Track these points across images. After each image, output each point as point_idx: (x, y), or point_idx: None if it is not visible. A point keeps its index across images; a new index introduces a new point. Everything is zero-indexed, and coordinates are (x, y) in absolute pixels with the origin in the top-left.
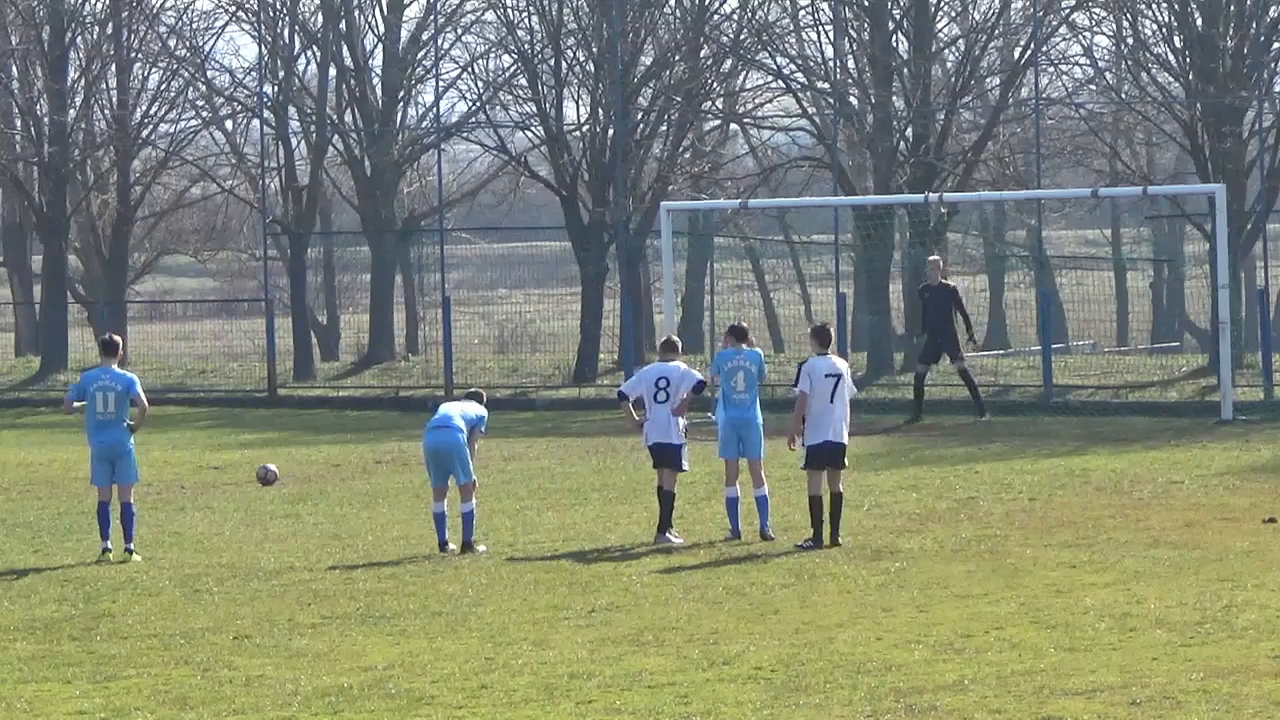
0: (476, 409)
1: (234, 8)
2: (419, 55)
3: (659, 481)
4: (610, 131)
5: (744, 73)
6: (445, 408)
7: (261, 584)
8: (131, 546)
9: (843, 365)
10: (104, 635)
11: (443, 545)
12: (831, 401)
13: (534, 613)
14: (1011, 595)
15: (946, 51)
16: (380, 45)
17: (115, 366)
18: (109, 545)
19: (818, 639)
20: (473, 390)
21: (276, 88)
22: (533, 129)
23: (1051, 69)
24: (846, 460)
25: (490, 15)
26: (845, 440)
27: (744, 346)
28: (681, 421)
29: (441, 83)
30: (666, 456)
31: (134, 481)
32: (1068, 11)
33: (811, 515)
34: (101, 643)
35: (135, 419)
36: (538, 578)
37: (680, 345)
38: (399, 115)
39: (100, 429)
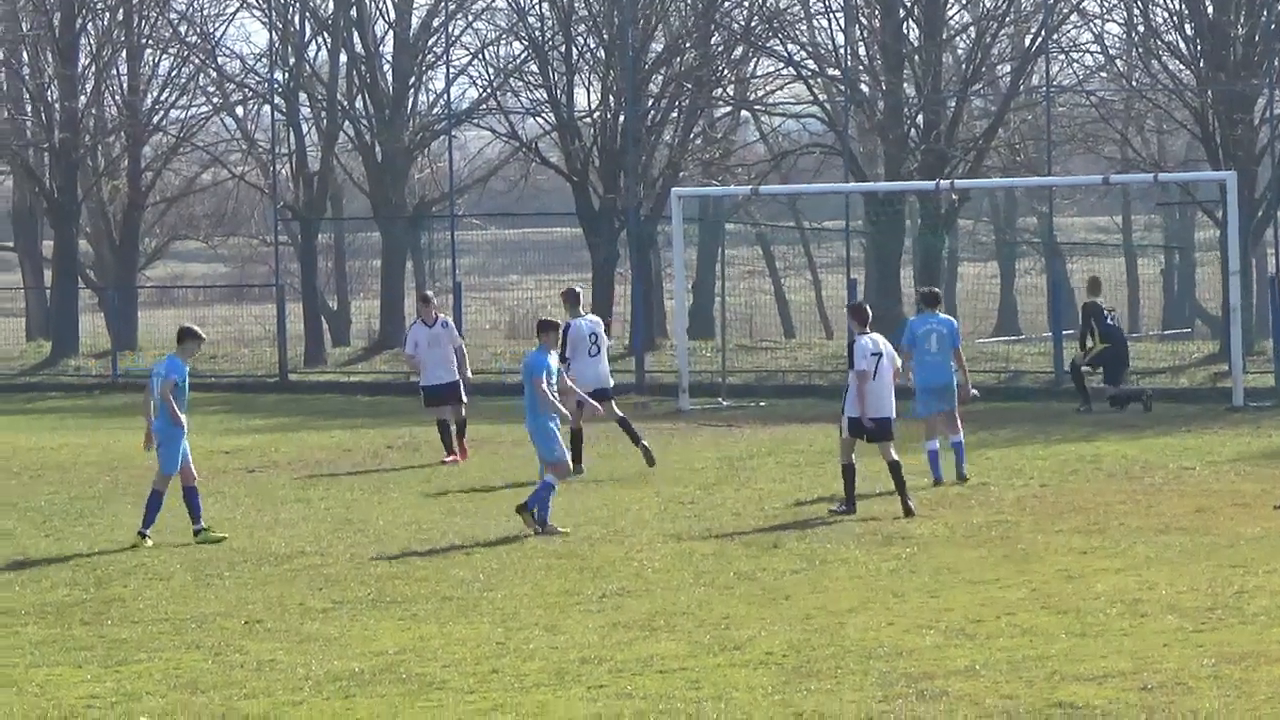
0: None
1: None
2: (430, 41)
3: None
4: (621, 118)
5: (755, 59)
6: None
7: (272, 569)
8: (145, 531)
9: (883, 342)
10: (115, 620)
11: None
12: (872, 378)
13: (545, 598)
14: (1022, 581)
15: (957, 39)
16: (391, 31)
17: (177, 354)
18: (201, 527)
19: (829, 624)
20: (542, 320)
21: (287, 74)
22: (544, 115)
23: (1062, 56)
24: (893, 431)
25: (501, 1)
26: (892, 414)
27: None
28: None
29: (452, 69)
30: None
31: (165, 472)
32: None
33: (848, 485)
34: (113, 627)
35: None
36: (549, 563)
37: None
38: (410, 101)
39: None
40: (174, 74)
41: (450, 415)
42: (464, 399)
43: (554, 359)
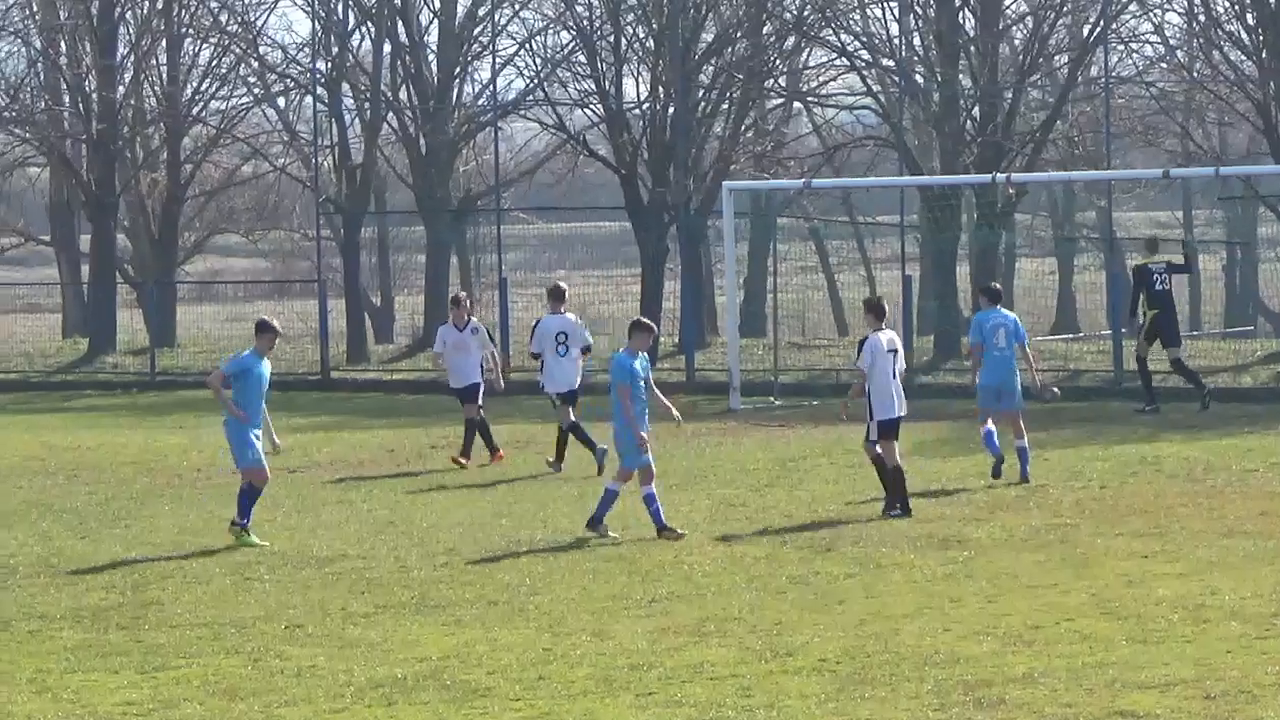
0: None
1: None
2: (475, 31)
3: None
4: (671, 109)
5: (807, 50)
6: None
7: (314, 572)
8: (242, 523)
9: (898, 340)
10: (152, 624)
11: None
12: (893, 376)
13: (593, 602)
14: (1082, 586)
15: (1014, 28)
16: (436, 21)
17: (255, 348)
18: (243, 524)
19: (883, 630)
20: (636, 320)
21: (330, 64)
22: (591, 107)
23: (1121, 47)
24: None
25: None
26: (904, 413)
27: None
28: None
29: (498, 59)
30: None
31: (237, 466)
32: None
33: (897, 485)
34: (150, 632)
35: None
36: (597, 566)
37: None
38: (455, 92)
39: None
40: (214, 64)
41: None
42: (480, 402)
43: (640, 362)
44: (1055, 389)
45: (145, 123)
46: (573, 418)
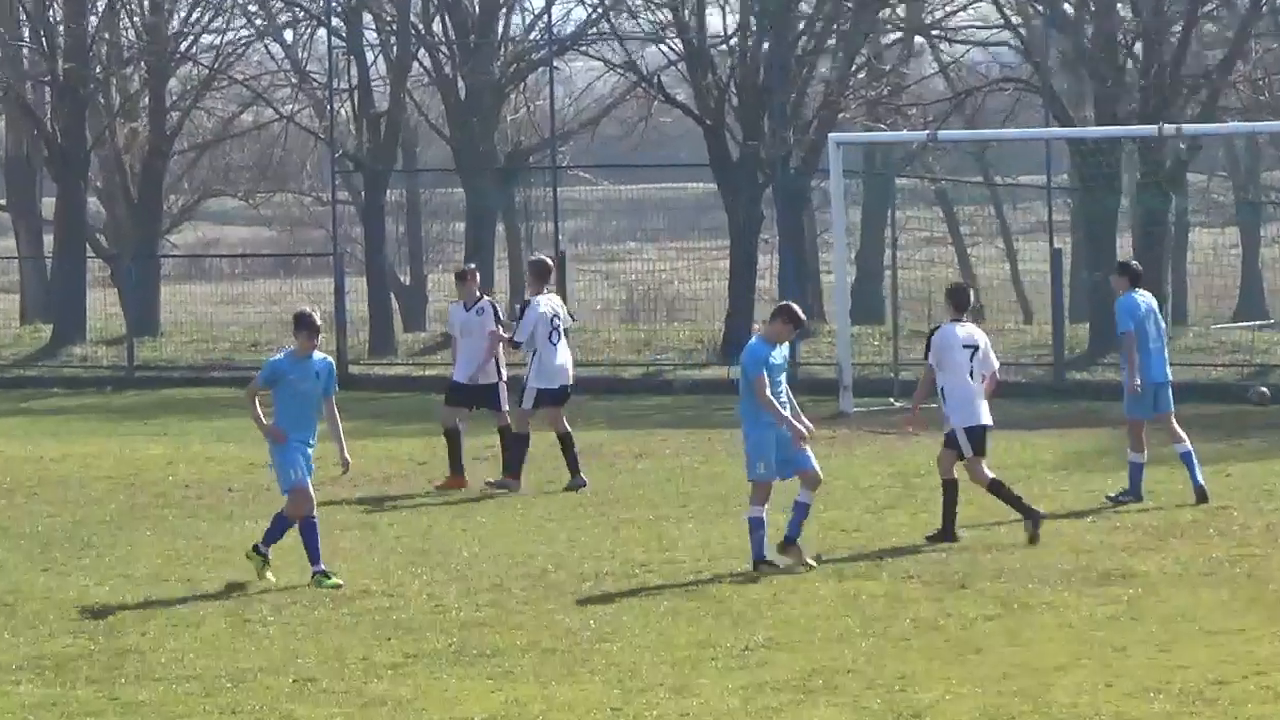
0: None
1: None
2: None
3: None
4: (765, 45)
5: None
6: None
7: (328, 612)
8: (260, 548)
9: (980, 335)
10: (130, 677)
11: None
12: (970, 377)
13: (673, 651)
14: (1274, 631)
15: None
16: None
17: (290, 350)
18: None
19: (1031, 685)
20: (782, 305)
21: None
22: (668, 41)
23: None
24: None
25: None
26: (989, 422)
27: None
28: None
29: None
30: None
31: (281, 491)
32: None
33: (1008, 499)
34: (126, 686)
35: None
36: (677, 606)
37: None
38: (501, 24)
39: None
40: None
41: (468, 422)
42: (503, 407)
43: (780, 353)
44: (1264, 389)
45: (123, 61)
46: (565, 424)
